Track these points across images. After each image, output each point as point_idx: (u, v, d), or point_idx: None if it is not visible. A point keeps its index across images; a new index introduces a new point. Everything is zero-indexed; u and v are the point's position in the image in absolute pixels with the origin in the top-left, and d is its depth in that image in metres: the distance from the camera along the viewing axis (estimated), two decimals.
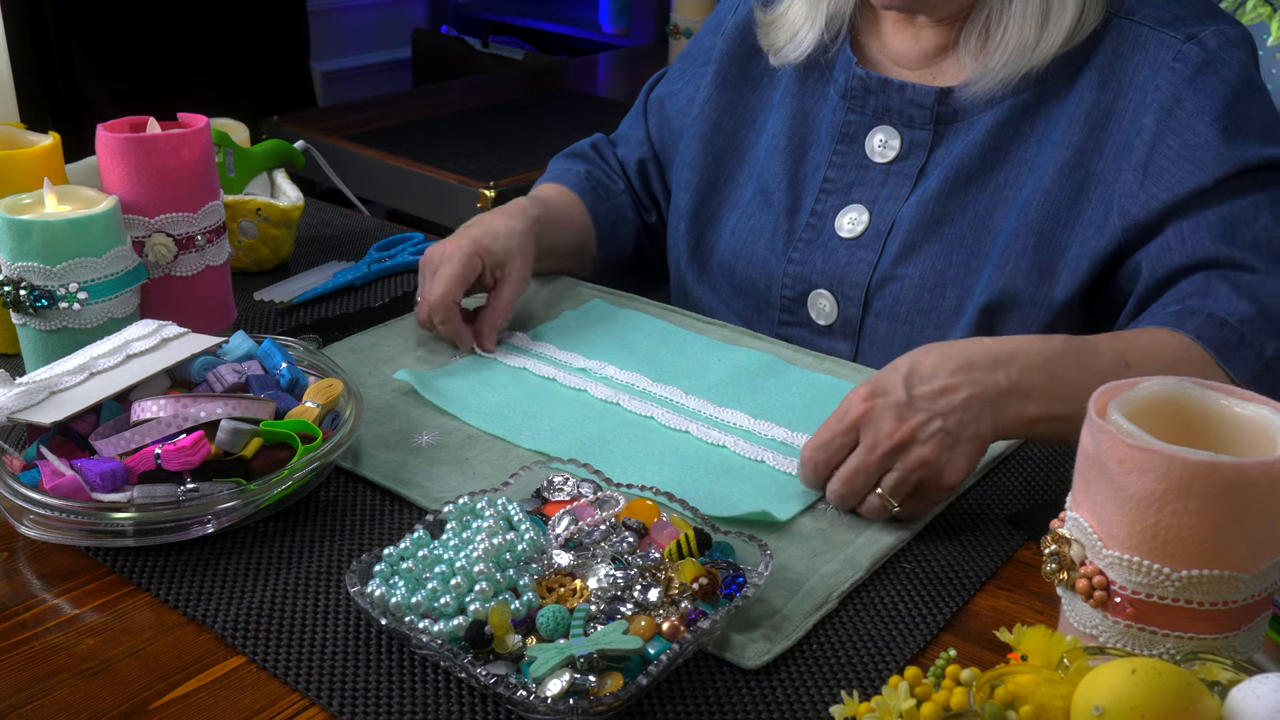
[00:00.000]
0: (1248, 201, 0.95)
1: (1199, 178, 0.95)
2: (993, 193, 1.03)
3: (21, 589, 0.75)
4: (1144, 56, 0.99)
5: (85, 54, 2.76)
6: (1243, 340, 0.90)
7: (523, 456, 0.89)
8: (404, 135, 2.39)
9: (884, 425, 0.80)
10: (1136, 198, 0.97)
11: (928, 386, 0.81)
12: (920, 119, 1.06)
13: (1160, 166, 0.96)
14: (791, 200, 1.12)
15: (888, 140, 1.08)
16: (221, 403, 0.82)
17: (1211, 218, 0.95)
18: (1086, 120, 1.00)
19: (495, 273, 1.06)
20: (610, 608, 0.69)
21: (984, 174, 1.03)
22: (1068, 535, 0.64)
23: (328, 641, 0.70)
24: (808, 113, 1.13)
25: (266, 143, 1.29)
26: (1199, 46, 0.97)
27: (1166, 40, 0.98)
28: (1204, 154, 0.95)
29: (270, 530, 0.81)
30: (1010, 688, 0.53)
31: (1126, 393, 0.63)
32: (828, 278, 1.09)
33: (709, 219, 1.18)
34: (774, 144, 1.14)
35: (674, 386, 0.99)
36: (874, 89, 1.08)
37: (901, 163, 1.07)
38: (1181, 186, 0.95)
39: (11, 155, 1.01)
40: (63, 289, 0.92)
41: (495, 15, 4.22)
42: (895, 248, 1.05)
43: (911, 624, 0.73)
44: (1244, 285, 0.92)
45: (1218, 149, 0.95)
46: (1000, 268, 1.01)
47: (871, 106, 1.09)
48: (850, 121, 1.10)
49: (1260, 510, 0.58)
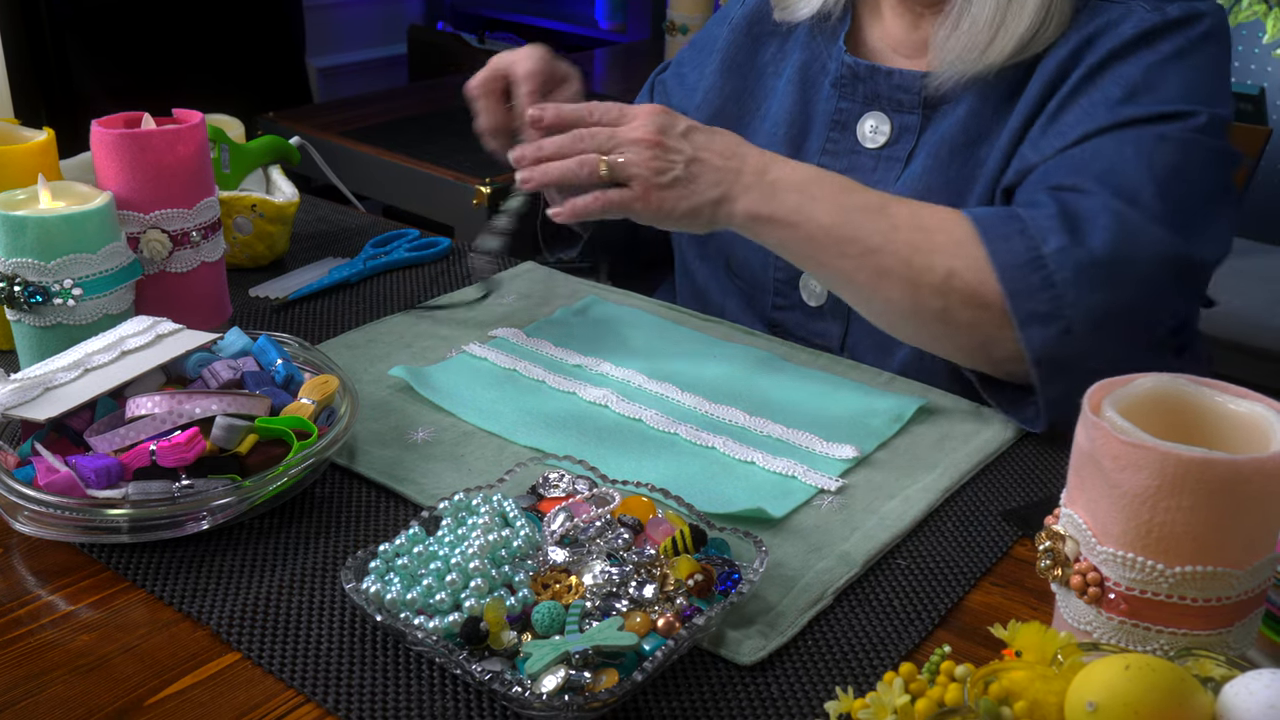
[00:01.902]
0: (1114, 139, 0.95)
1: (1085, 126, 0.96)
2: (973, 168, 1.04)
3: (16, 585, 0.75)
4: (1108, 20, 0.99)
5: (80, 50, 2.76)
6: (1022, 231, 0.90)
7: (518, 453, 0.89)
8: (400, 131, 2.38)
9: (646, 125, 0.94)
10: (1036, 145, 0.98)
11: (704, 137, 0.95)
12: (909, 103, 1.07)
13: (1062, 120, 0.98)
14: None
15: (878, 126, 1.09)
16: (216, 399, 0.82)
17: (1076, 154, 0.95)
18: (1045, 82, 1.00)
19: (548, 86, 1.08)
20: (605, 604, 0.69)
21: (965, 148, 1.04)
22: (1062, 531, 0.64)
23: (323, 638, 0.70)
24: (807, 100, 1.15)
25: (262, 139, 1.28)
26: (1158, 15, 0.98)
27: (1134, 9, 0.99)
28: (1101, 109, 0.96)
29: (265, 527, 0.81)
30: (1004, 684, 0.53)
31: (1121, 389, 0.63)
32: None
33: None
34: (774, 132, 1.16)
35: (669, 383, 0.99)
36: (863, 76, 1.10)
37: (891, 147, 1.09)
38: (1069, 135, 0.96)
39: (6, 151, 1.01)
40: (57, 285, 0.92)
41: (491, 11, 4.22)
42: None
43: (906, 620, 0.73)
44: (1062, 199, 0.92)
45: (1114, 105, 0.96)
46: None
47: (861, 93, 1.10)
48: (842, 109, 1.11)
49: (1254, 507, 0.58)
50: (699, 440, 0.91)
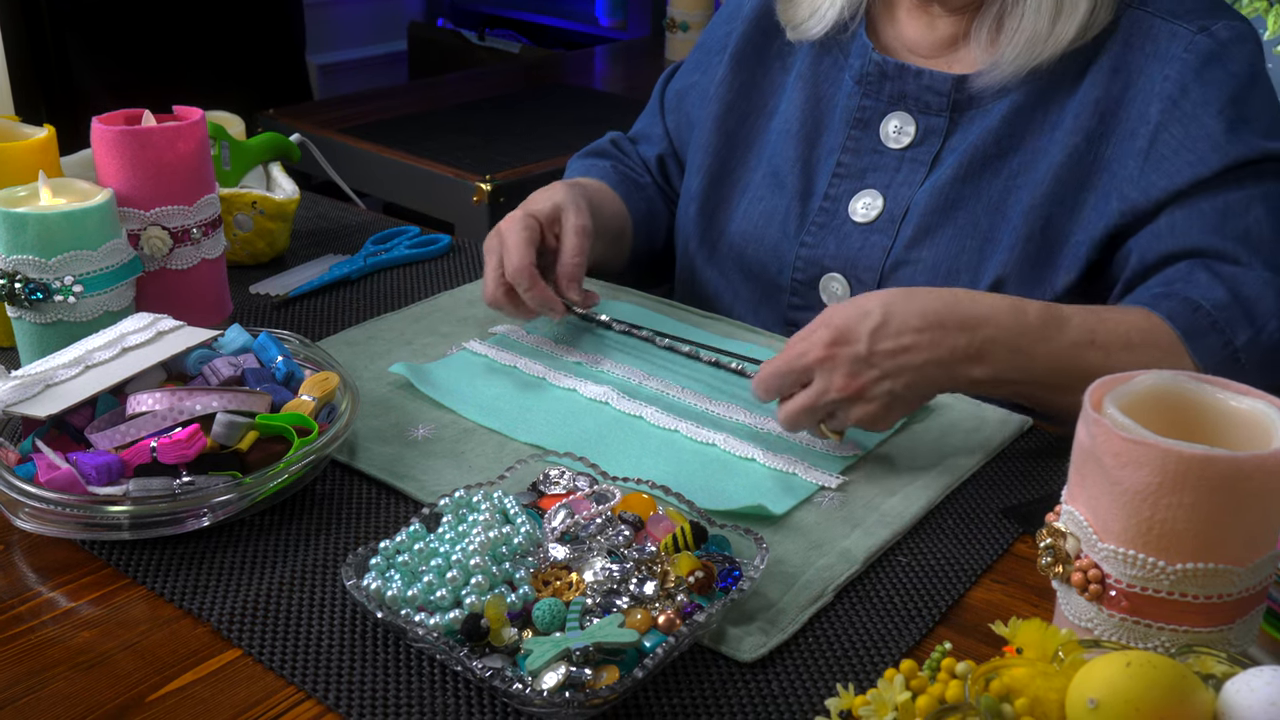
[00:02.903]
0: (1242, 194, 0.96)
1: (1198, 168, 0.96)
2: (1006, 179, 1.03)
3: (17, 582, 0.75)
4: (1155, 47, 0.99)
5: (80, 47, 2.76)
6: (1214, 325, 0.91)
7: (519, 450, 0.89)
8: (400, 128, 2.38)
9: (836, 378, 0.84)
10: (1137, 184, 0.98)
11: (890, 344, 0.84)
12: (936, 105, 1.06)
13: (1161, 155, 0.97)
14: (804, 184, 1.12)
15: (903, 126, 1.08)
16: (217, 396, 0.82)
17: (1205, 208, 0.96)
18: (1097, 107, 1.00)
19: (554, 229, 1.05)
20: (606, 601, 0.69)
21: (998, 160, 1.04)
22: (1063, 529, 0.64)
23: (323, 635, 0.70)
24: (821, 97, 1.13)
25: (262, 136, 1.28)
26: (1210, 38, 0.98)
27: (1178, 31, 0.99)
28: (1205, 145, 0.96)
29: (266, 524, 0.81)
30: (1005, 681, 0.53)
31: (1122, 386, 0.63)
32: (841, 261, 1.09)
33: (720, 201, 1.18)
34: (786, 127, 1.14)
35: (670, 380, 0.99)
36: (890, 74, 1.08)
37: (916, 149, 1.08)
38: (1181, 176, 0.96)
39: (6, 148, 1.01)
40: (58, 282, 0.92)
41: (491, 8, 4.21)
42: (909, 232, 1.06)
43: (907, 617, 0.73)
44: (1225, 275, 0.93)
45: (1219, 141, 0.96)
46: (1010, 249, 1.02)
47: (888, 92, 1.09)
48: (865, 107, 1.10)
49: (1255, 504, 0.58)
50: (700, 437, 0.91)
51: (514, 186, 2.13)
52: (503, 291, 1.01)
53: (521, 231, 1.01)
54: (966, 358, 0.85)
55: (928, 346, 0.84)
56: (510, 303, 1.02)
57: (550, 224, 1.05)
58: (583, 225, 1.05)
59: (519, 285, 1.00)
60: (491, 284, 1.02)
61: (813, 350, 0.85)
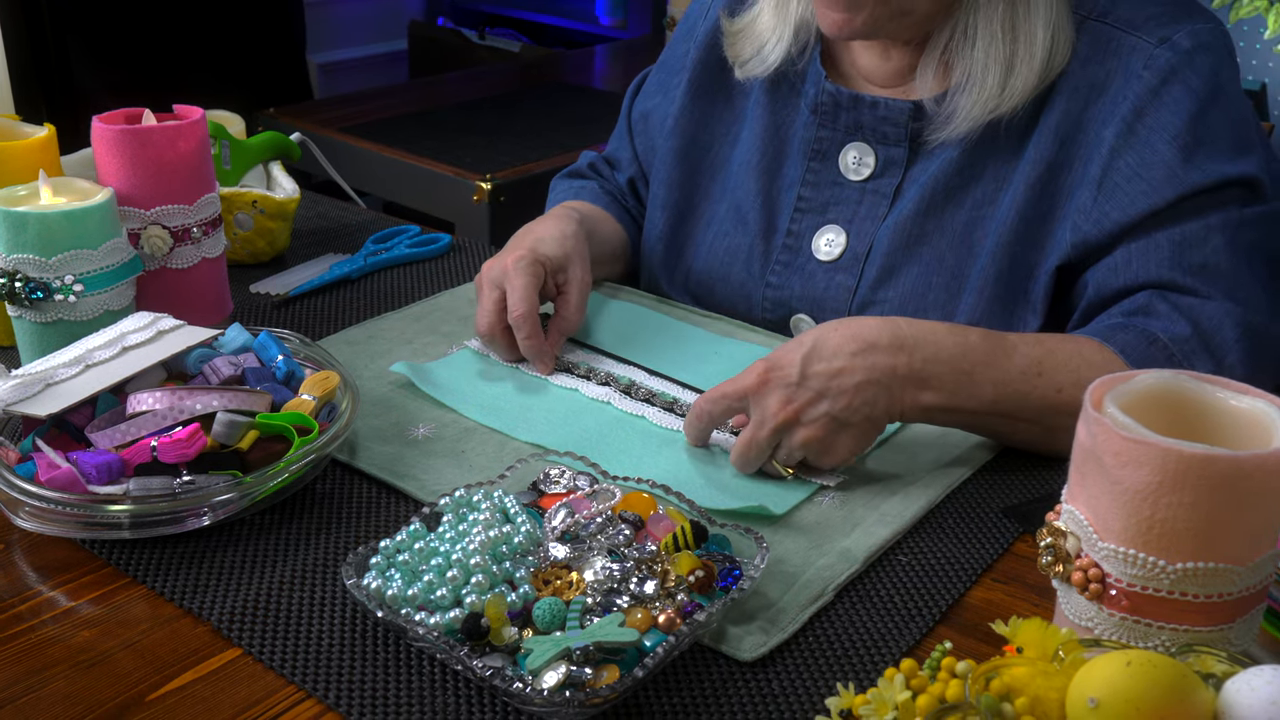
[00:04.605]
0: (1200, 224, 0.92)
1: (1153, 199, 0.92)
2: (970, 210, 1.01)
3: (17, 581, 0.75)
4: (1117, 63, 0.95)
5: (81, 46, 2.76)
6: (1170, 359, 0.89)
7: (519, 449, 0.89)
8: (400, 127, 2.39)
9: (770, 404, 0.84)
10: (1089, 215, 0.95)
11: (823, 365, 0.83)
12: (894, 136, 1.03)
13: (1115, 184, 0.94)
14: (766, 219, 1.10)
15: (861, 157, 1.05)
16: (217, 395, 0.82)
17: (1161, 240, 0.93)
18: (1056, 132, 0.97)
19: (557, 278, 1.04)
20: (606, 600, 0.69)
21: (961, 191, 1.01)
22: (1063, 528, 0.64)
23: (324, 634, 0.70)
24: (780, 125, 1.10)
25: (262, 135, 1.28)
26: (1170, 50, 0.94)
27: (1138, 45, 0.95)
28: (1160, 174, 0.92)
29: (266, 523, 0.81)
30: (1006, 680, 0.53)
31: (1122, 385, 0.63)
32: (807, 302, 1.07)
33: (685, 237, 1.17)
34: (747, 158, 1.11)
35: (671, 380, 0.99)
36: (845, 105, 1.04)
37: (877, 180, 1.05)
38: (1134, 207, 0.93)
39: (7, 147, 1.01)
40: (58, 281, 0.92)
41: (492, 7, 4.22)
42: (874, 271, 1.03)
43: (907, 616, 0.73)
44: (1184, 307, 0.91)
45: (1174, 169, 0.92)
46: (980, 291, 0.99)
47: (844, 122, 1.05)
48: (822, 138, 1.07)
49: (1255, 503, 0.58)
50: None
51: (514, 185, 2.13)
52: (500, 329, 1.00)
53: (529, 276, 1.00)
54: (908, 380, 0.84)
55: (862, 368, 0.83)
56: (504, 342, 1.01)
57: (555, 272, 1.04)
58: (587, 282, 1.05)
59: (518, 331, 0.99)
60: (489, 316, 1.00)
61: (747, 378, 0.85)
